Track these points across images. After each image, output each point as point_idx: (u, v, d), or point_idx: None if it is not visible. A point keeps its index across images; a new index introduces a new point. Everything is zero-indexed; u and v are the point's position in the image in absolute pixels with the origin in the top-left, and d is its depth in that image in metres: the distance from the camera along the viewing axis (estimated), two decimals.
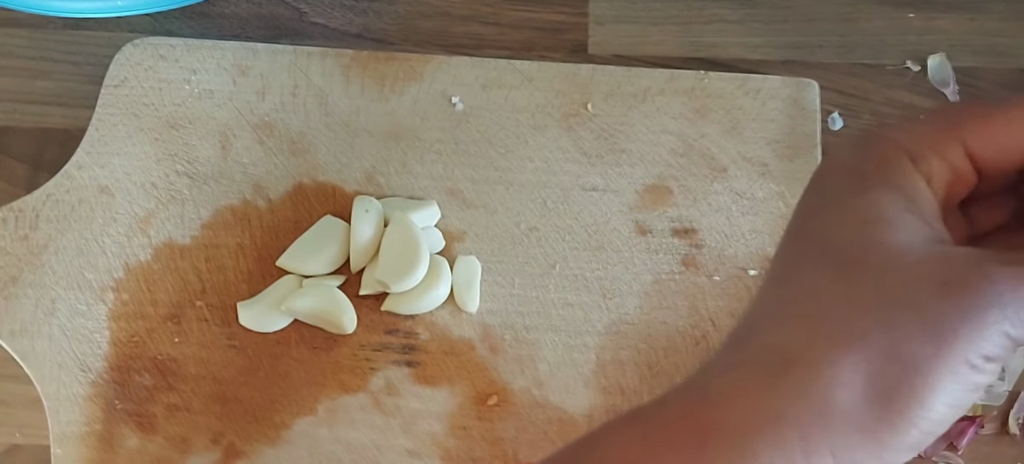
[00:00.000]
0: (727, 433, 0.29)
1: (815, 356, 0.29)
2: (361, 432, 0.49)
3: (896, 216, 0.30)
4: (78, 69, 0.56)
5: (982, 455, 0.50)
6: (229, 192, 0.52)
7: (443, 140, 0.53)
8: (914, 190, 0.30)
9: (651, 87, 0.54)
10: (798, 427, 0.28)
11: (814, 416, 0.28)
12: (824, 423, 0.28)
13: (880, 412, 0.28)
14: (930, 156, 0.31)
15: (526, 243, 0.52)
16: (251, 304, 0.50)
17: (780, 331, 0.30)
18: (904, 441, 0.29)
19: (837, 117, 0.56)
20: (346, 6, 0.58)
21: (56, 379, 0.49)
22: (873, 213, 0.30)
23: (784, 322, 0.30)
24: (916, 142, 0.31)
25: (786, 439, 0.28)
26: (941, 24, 0.58)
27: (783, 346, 0.29)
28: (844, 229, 0.30)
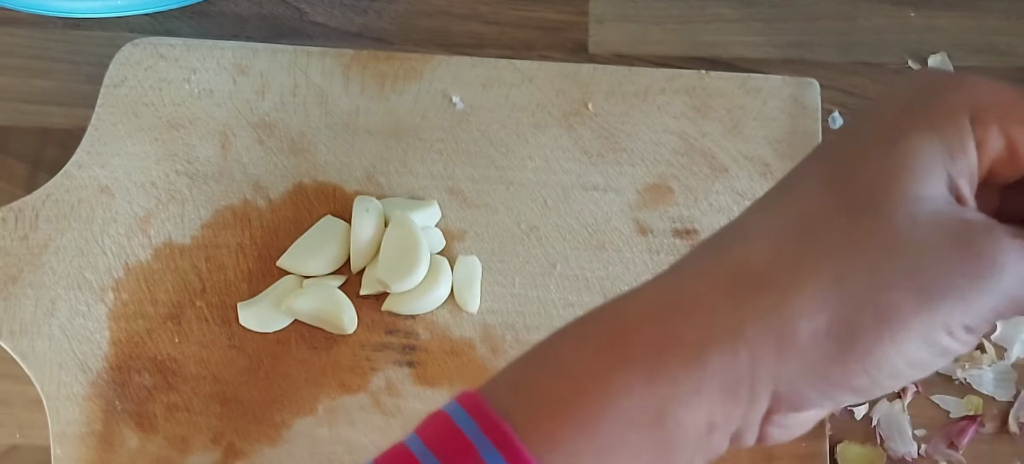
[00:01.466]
0: (687, 346, 0.29)
1: (789, 282, 0.29)
2: (361, 432, 0.49)
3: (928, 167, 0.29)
4: (78, 69, 0.56)
5: (982, 454, 0.50)
6: (229, 192, 0.52)
7: (443, 139, 0.53)
8: (960, 148, 0.29)
9: (652, 86, 0.54)
10: (752, 347, 0.28)
11: (770, 341, 0.28)
12: (779, 350, 0.28)
13: (836, 352, 0.28)
14: (991, 124, 0.29)
15: (527, 242, 0.52)
16: (251, 304, 0.50)
17: (765, 247, 0.29)
18: (851, 384, 0.29)
19: (837, 116, 0.55)
20: (346, 5, 0.58)
21: (56, 379, 0.49)
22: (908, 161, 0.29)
23: (772, 239, 0.30)
24: (985, 105, 0.30)
25: (738, 355, 0.29)
26: (942, 23, 0.58)
27: (763, 264, 0.29)
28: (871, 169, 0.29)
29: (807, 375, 0.29)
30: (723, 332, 0.29)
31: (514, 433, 0.29)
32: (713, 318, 0.29)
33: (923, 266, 0.28)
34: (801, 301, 0.28)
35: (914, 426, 0.50)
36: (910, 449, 0.50)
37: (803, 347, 0.28)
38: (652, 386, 0.29)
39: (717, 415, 0.29)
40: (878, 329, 0.28)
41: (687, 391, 0.29)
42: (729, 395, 0.29)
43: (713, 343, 0.29)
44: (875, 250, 0.28)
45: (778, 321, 0.28)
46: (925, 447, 0.50)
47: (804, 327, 0.28)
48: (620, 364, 0.29)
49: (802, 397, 0.29)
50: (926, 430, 0.50)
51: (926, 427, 0.50)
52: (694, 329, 0.29)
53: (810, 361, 0.28)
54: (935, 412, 0.50)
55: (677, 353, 0.29)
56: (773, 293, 0.29)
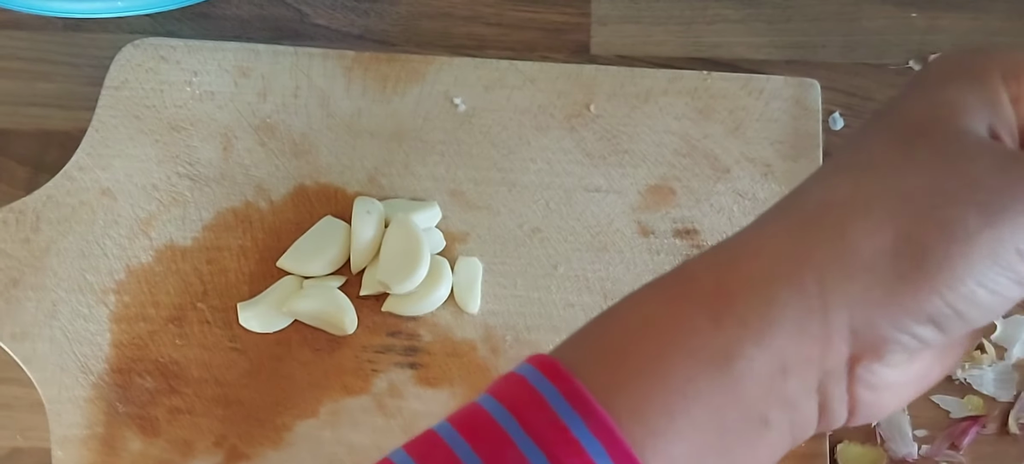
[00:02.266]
0: (752, 282, 0.28)
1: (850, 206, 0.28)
2: (364, 434, 0.49)
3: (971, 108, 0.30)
4: (79, 71, 0.56)
5: (983, 455, 0.50)
6: (231, 194, 0.52)
7: (445, 141, 0.53)
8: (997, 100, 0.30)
9: (654, 87, 0.54)
10: (818, 271, 0.28)
11: (836, 262, 0.28)
12: (845, 270, 0.28)
13: (906, 270, 0.28)
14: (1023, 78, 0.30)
15: (528, 244, 0.52)
16: (251, 305, 0.50)
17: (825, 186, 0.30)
18: (924, 308, 0.28)
19: (838, 117, 0.55)
20: (348, 7, 0.58)
21: (58, 382, 0.49)
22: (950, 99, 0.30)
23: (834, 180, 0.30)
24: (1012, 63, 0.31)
25: (805, 282, 0.28)
26: (944, 23, 0.58)
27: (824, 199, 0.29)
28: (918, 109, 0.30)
29: (879, 301, 0.28)
30: (788, 264, 0.28)
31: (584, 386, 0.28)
32: (777, 254, 0.29)
33: (981, 181, 0.28)
34: (864, 221, 0.28)
35: (915, 426, 0.50)
36: (911, 450, 0.50)
37: (870, 266, 0.28)
38: (718, 325, 0.28)
39: (790, 355, 0.28)
40: (946, 245, 0.28)
41: (755, 329, 0.28)
42: (801, 329, 0.28)
43: (778, 277, 0.28)
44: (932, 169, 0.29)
45: (843, 243, 0.28)
46: (926, 448, 0.50)
47: (868, 245, 0.28)
48: (687, 308, 0.29)
49: (879, 332, 0.28)
50: (927, 431, 0.50)
51: (927, 427, 0.50)
52: (759, 267, 0.29)
53: (880, 283, 0.28)
54: (936, 412, 0.50)
55: (742, 292, 0.28)
56: (835, 218, 0.28)
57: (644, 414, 0.28)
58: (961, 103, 0.30)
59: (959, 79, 0.30)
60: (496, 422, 0.29)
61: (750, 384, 0.28)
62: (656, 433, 0.28)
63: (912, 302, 0.28)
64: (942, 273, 0.28)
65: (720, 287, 0.29)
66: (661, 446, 0.28)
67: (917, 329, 0.28)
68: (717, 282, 0.29)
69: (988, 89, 0.30)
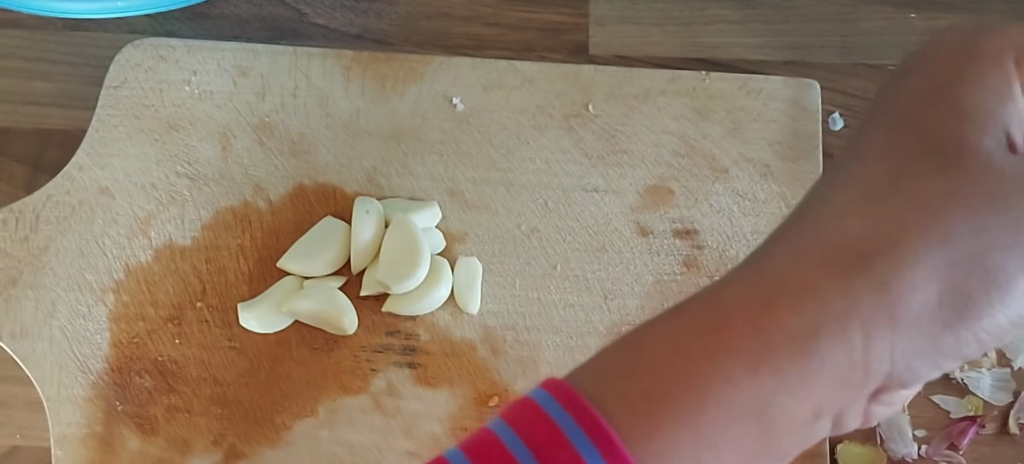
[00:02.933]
0: (794, 335, 0.28)
1: (902, 252, 0.28)
2: (362, 433, 0.49)
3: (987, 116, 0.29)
4: (78, 70, 0.56)
5: (983, 455, 0.50)
6: (229, 193, 0.52)
7: (444, 141, 0.53)
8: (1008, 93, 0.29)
9: (652, 88, 0.54)
10: (864, 325, 0.28)
11: (883, 316, 0.28)
12: (892, 324, 0.28)
13: (950, 320, 0.28)
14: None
15: (527, 244, 0.52)
16: (252, 305, 0.50)
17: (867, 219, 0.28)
18: (961, 351, 0.28)
19: (837, 117, 0.55)
20: (346, 7, 0.58)
21: (57, 381, 0.49)
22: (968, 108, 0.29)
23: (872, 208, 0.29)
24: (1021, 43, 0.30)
25: (849, 335, 0.28)
26: (942, 24, 0.58)
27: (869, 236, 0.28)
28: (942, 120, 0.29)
29: (920, 349, 0.28)
30: (833, 317, 0.28)
31: (608, 425, 0.27)
32: (820, 302, 0.28)
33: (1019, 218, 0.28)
34: (911, 274, 0.28)
35: (914, 426, 0.50)
36: (910, 450, 0.50)
37: (917, 318, 0.28)
38: (756, 377, 0.27)
39: (825, 402, 0.28)
40: (988, 293, 0.28)
41: (794, 382, 0.27)
42: (841, 381, 0.28)
43: (823, 329, 0.28)
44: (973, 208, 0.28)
45: (889, 298, 0.28)
46: (925, 448, 0.50)
47: (916, 300, 0.28)
48: (722, 353, 0.28)
49: (914, 372, 0.28)
50: (926, 431, 0.50)
51: (926, 428, 0.50)
52: (801, 315, 0.28)
53: (924, 334, 0.28)
54: (935, 412, 0.50)
55: (783, 342, 0.28)
56: (880, 266, 0.28)
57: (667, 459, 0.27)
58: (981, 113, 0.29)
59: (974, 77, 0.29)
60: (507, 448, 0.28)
61: (783, 429, 0.28)
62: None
63: (951, 347, 0.28)
64: (982, 321, 0.28)
65: (759, 335, 0.28)
66: None
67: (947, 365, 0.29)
68: (755, 329, 0.28)
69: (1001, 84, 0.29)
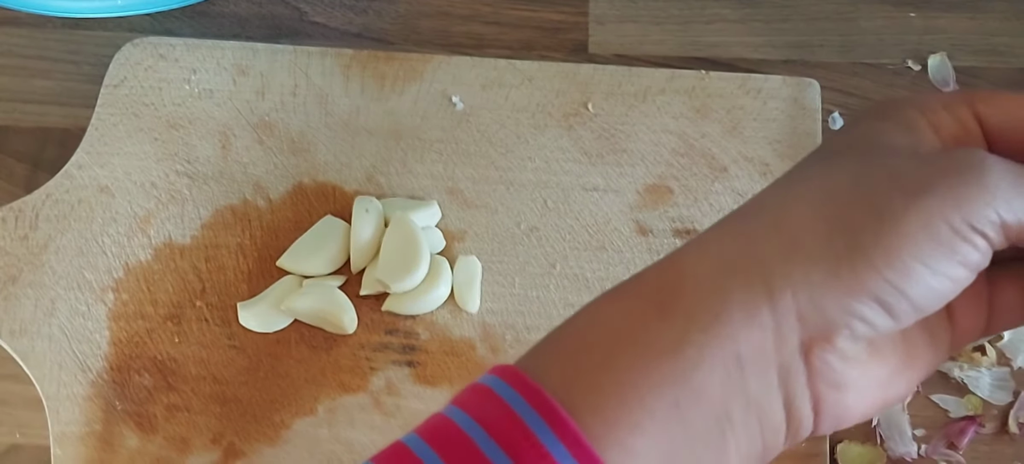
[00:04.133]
0: (699, 278, 0.30)
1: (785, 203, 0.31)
2: (361, 432, 0.49)
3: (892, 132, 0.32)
4: (78, 69, 0.56)
5: (982, 454, 0.50)
6: (229, 192, 0.52)
7: (443, 140, 0.53)
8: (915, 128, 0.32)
9: (652, 87, 0.54)
10: (761, 262, 0.30)
11: (777, 251, 0.30)
12: (785, 257, 0.29)
13: (841, 250, 0.29)
14: (938, 110, 0.32)
15: (527, 243, 0.52)
16: (251, 304, 0.50)
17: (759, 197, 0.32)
18: (866, 285, 0.29)
19: (837, 117, 0.55)
20: (346, 5, 0.58)
21: (56, 379, 0.49)
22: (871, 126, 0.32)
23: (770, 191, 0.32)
24: (925, 100, 0.33)
25: (750, 273, 0.29)
26: (942, 23, 0.58)
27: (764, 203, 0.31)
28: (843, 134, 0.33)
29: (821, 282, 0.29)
30: (732, 259, 0.30)
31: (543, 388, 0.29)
32: (721, 252, 0.30)
33: (902, 171, 0.30)
34: (797, 213, 0.30)
35: (914, 426, 0.50)
36: (910, 449, 0.50)
37: (808, 251, 0.29)
38: (665, 318, 0.29)
39: (743, 346, 0.29)
40: (877, 224, 0.29)
41: (702, 319, 0.29)
42: (749, 317, 0.29)
43: (723, 271, 0.30)
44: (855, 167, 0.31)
45: (780, 234, 0.30)
46: (925, 447, 0.50)
47: (804, 233, 0.30)
48: (635, 305, 0.30)
49: (826, 314, 0.29)
50: (926, 430, 0.50)
51: (926, 427, 0.50)
52: (704, 264, 0.30)
53: (818, 264, 0.29)
54: (935, 412, 0.50)
55: (688, 286, 0.30)
56: (770, 215, 0.30)
57: (602, 410, 0.29)
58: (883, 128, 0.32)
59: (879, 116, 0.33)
60: (463, 432, 0.29)
61: (705, 374, 0.29)
62: (616, 427, 0.28)
63: (852, 279, 0.29)
64: (878, 250, 0.29)
65: (667, 284, 0.30)
66: (623, 439, 0.28)
67: (863, 309, 0.29)
68: (664, 280, 0.30)
69: (907, 121, 0.32)
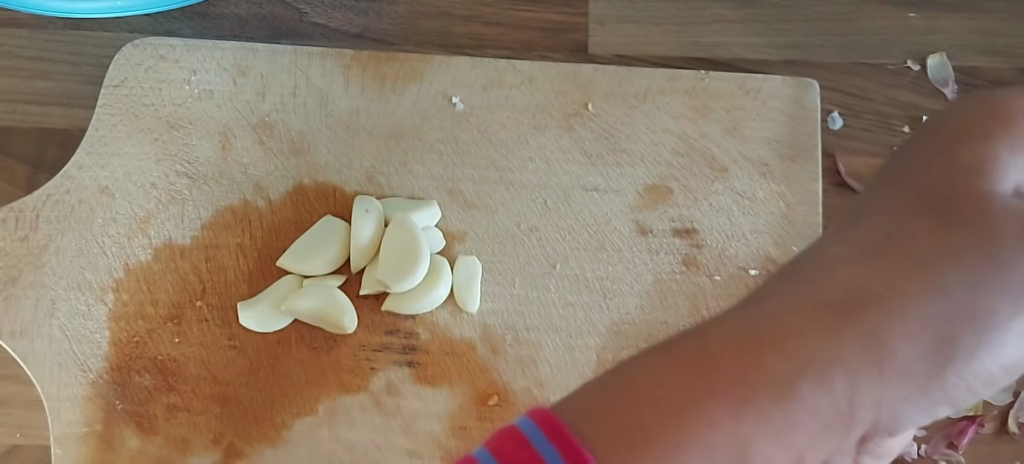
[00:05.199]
0: (778, 378, 0.27)
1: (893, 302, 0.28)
2: (361, 432, 0.49)
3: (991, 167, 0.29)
4: (78, 69, 0.56)
5: (982, 454, 0.50)
6: (229, 192, 0.52)
7: (444, 140, 0.53)
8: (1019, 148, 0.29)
9: (652, 87, 0.54)
10: (850, 373, 0.27)
11: (871, 365, 0.27)
12: (880, 373, 0.27)
13: (936, 367, 0.27)
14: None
15: (527, 243, 0.52)
16: (251, 304, 0.50)
17: (859, 270, 0.28)
18: (951, 398, 0.28)
19: (837, 116, 0.55)
20: (346, 6, 0.58)
21: (56, 380, 0.49)
22: (970, 161, 0.29)
23: (864, 261, 0.29)
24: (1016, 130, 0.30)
25: (834, 383, 0.27)
26: (942, 24, 0.58)
27: (860, 288, 0.28)
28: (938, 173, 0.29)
29: (908, 394, 0.28)
30: (818, 362, 0.27)
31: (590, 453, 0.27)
32: (806, 347, 0.28)
33: (1010, 261, 0.28)
34: (902, 321, 0.27)
35: None
36: (910, 449, 0.50)
37: (904, 366, 0.27)
38: (738, 419, 0.27)
39: (807, 449, 0.28)
40: (979, 337, 0.27)
41: (777, 426, 0.27)
42: (825, 428, 0.28)
43: (807, 374, 0.27)
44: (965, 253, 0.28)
45: (879, 345, 0.27)
46: (925, 447, 0.50)
47: (905, 349, 0.27)
48: (705, 394, 0.28)
49: (901, 419, 0.28)
50: (926, 430, 0.50)
51: (926, 427, 0.50)
52: (785, 359, 0.28)
53: (910, 378, 0.28)
54: None
55: (767, 385, 0.27)
56: (871, 315, 0.28)
57: None
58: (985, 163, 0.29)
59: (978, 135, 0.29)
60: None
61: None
62: None
63: (940, 393, 0.28)
64: (972, 366, 0.28)
65: (742, 377, 0.28)
66: None
67: (939, 412, 0.29)
68: (739, 371, 0.28)
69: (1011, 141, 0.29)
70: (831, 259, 0.29)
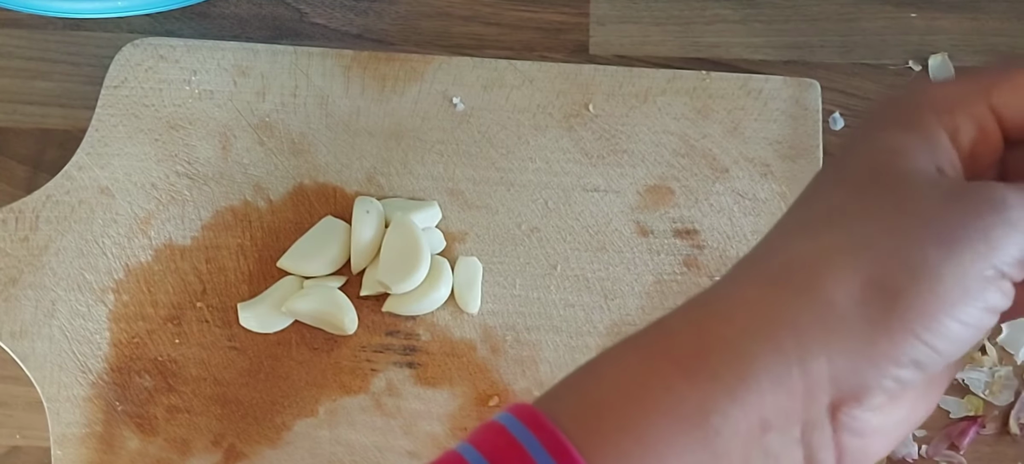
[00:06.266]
0: (727, 340, 0.29)
1: (818, 261, 0.29)
2: (362, 433, 0.49)
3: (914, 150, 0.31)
4: (78, 70, 0.56)
5: (983, 455, 0.50)
6: (229, 193, 0.52)
7: (444, 141, 0.53)
8: (933, 139, 0.31)
9: (652, 87, 0.54)
10: (794, 328, 0.29)
11: (811, 316, 0.29)
12: (821, 323, 0.29)
13: (878, 315, 0.28)
14: (955, 111, 0.31)
15: (527, 244, 0.52)
16: (252, 305, 0.50)
17: (799, 244, 0.30)
18: (903, 350, 0.28)
19: (838, 117, 0.55)
20: (346, 6, 0.58)
21: (56, 381, 0.49)
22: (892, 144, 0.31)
23: (804, 237, 0.30)
24: (940, 98, 0.31)
25: (782, 340, 0.29)
26: (943, 24, 0.58)
27: (796, 256, 0.30)
28: (864, 157, 0.31)
29: (859, 349, 0.28)
30: (762, 322, 0.29)
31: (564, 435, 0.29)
32: (750, 312, 0.29)
33: (933, 214, 0.29)
34: (830, 273, 0.29)
35: None
36: (910, 450, 0.50)
37: (844, 316, 0.28)
38: (692, 382, 0.29)
39: (769, 410, 0.29)
40: (914, 284, 0.28)
41: (731, 386, 0.28)
42: (779, 385, 0.28)
43: (755, 334, 0.29)
44: (887, 213, 0.29)
45: (814, 296, 0.29)
46: (926, 448, 0.50)
47: (839, 295, 0.29)
48: (663, 365, 0.29)
49: (859, 377, 0.29)
50: (926, 431, 0.50)
51: (927, 428, 0.50)
52: (733, 326, 0.29)
53: (855, 331, 0.28)
54: (936, 412, 0.50)
55: (717, 349, 0.29)
56: (803, 274, 0.29)
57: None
58: (903, 146, 0.31)
59: (896, 125, 0.31)
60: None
61: (728, 439, 0.28)
62: None
63: (890, 346, 0.28)
64: (914, 313, 0.28)
65: (695, 344, 0.29)
66: None
67: (898, 372, 0.29)
68: (692, 339, 0.30)
69: (925, 130, 0.31)
70: (776, 240, 0.31)
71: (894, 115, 0.32)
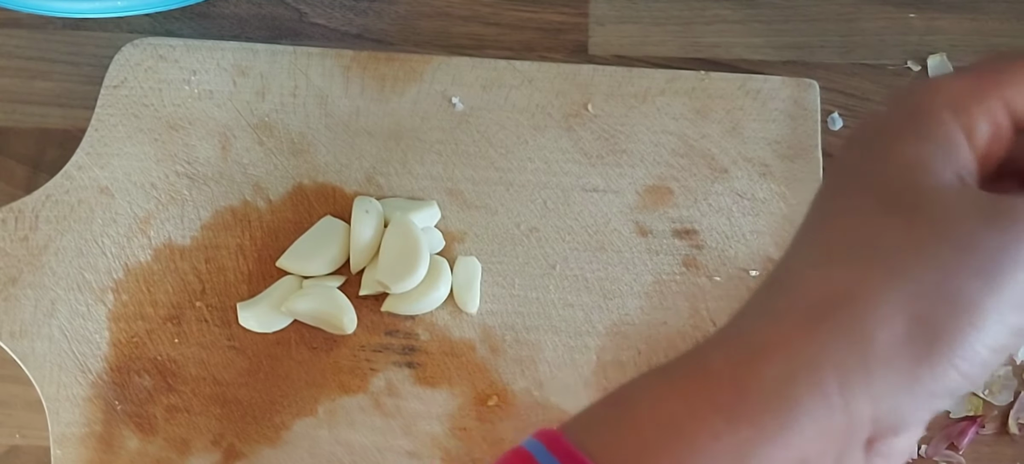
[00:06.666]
0: (768, 384, 0.28)
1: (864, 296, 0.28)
2: (361, 433, 0.49)
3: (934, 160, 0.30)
4: (78, 70, 0.56)
5: (983, 455, 0.50)
6: (229, 193, 0.52)
7: (443, 141, 0.53)
8: (951, 143, 0.30)
9: (652, 88, 0.54)
10: (837, 370, 0.28)
11: (854, 358, 0.28)
12: (864, 365, 0.28)
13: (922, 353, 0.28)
14: (971, 108, 0.30)
15: (526, 244, 0.52)
16: (251, 305, 0.50)
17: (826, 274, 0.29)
18: (945, 384, 0.28)
19: (837, 117, 0.55)
20: (346, 6, 0.58)
21: (56, 380, 0.49)
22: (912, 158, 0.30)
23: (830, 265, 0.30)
24: (956, 95, 0.31)
25: (825, 383, 0.28)
26: (942, 24, 0.58)
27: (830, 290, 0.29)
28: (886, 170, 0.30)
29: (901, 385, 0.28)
30: (806, 365, 0.28)
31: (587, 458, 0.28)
32: (791, 353, 0.29)
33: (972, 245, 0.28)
34: (876, 313, 0.28)
35: None
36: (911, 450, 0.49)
37: (888, 357, 0.28)
38: (735, 428, 0.28)
39: (809, 451, 0.28)
40: (957, 320, 0.28)
41: (772, 432, 0.28)
42: (821, 428, 0.28)
43: (797, 377, 0.28)
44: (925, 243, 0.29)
45: (858, 338, 0.28)
46: (925, 448, 0.50)
47: (884, 336, 0.28)
48: (705, 410, 0.29)
49: (900, 413, 0.29)
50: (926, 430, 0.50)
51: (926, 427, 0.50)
52: (773, 367, 0.29)
53: (899, 368, 0.28)
54: None
55: (759, 394, 0.28)
56: (846, 313, 0.29)
57: None
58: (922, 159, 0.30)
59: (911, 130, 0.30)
60: None
61: None
62: None
63: (931, 382, 0.28)
64: (956, 347, 0.28)
65: (736, 387, 0.29)
66: None
67: (937, 403, 0.29)
68: (733, 384, 0.29)
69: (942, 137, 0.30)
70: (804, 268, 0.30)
71: (908, 120, 0.31)
